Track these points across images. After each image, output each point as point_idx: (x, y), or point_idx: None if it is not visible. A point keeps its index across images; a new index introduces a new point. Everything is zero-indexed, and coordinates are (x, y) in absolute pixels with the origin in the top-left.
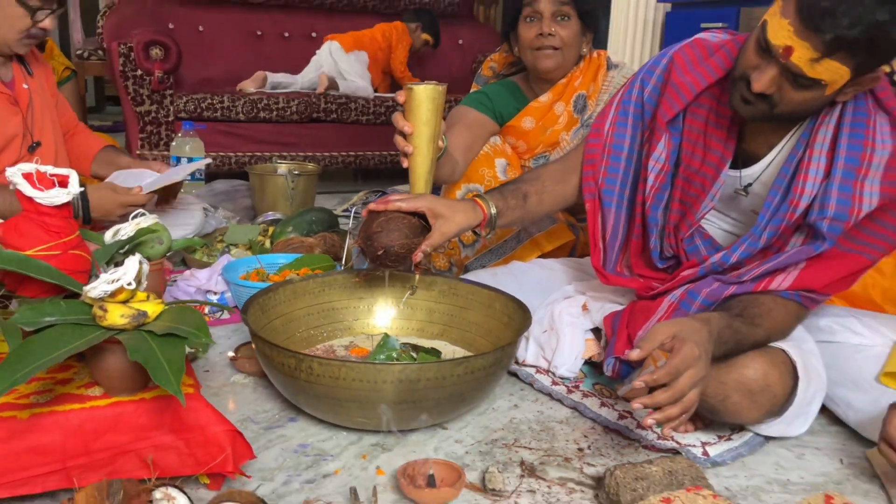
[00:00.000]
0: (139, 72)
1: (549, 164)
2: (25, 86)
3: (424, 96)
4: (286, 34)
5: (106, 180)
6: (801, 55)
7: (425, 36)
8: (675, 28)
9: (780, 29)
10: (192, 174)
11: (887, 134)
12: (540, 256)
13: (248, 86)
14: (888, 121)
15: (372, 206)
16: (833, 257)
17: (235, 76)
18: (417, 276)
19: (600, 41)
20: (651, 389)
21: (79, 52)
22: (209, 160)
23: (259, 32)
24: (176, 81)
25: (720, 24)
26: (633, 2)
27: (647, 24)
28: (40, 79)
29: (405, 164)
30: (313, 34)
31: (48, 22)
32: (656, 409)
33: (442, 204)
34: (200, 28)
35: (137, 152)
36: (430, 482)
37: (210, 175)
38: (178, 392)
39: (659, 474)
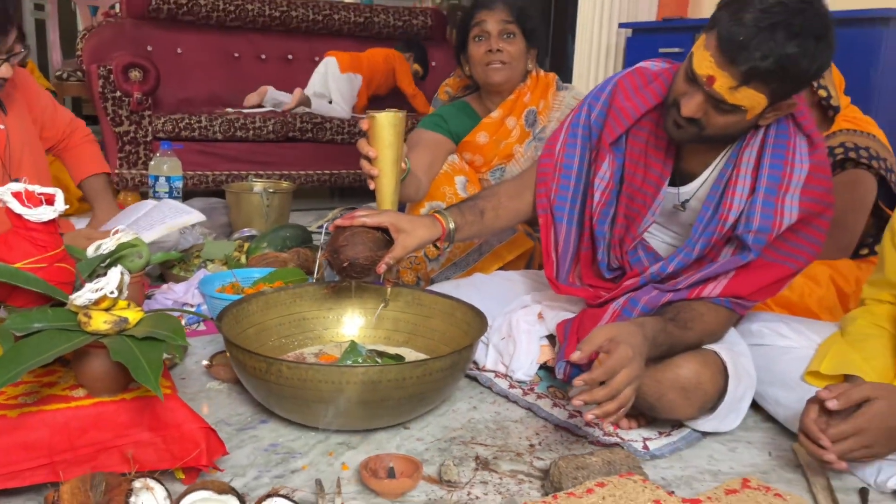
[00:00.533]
0: (118, 93)
1: (504, 181)
2: (2, 126)
3: (386, 123)
4: (263, 56)
5: (107, 225)
6: (722, 84)
7: (416, 66)
8: (635, 52)
9: (703, 60)
10: (169, 192)
11: (806, 155)
12: (501, 266)
13: (253, 99)
14: (807, 142)
15: (338, 221)
16: (759, 267)
17: (213, 97)
18: (389, 290)
19: (567, 64)
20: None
21: (58, 73)
22: (203, 217)
23: (236, 54)
24: (154, 102)
25: (677, 49)
26: (597, 27)
27: (610, 49)
28: (18, 111)
29: (371, 187)
30: (289, 56)
31: (4, 70)
32: (596, 404)
33: (404, 220)
34: (178, 50)
35: (116, 171)
36: (391, 474)
37: (187, 193)
38: (157, 388)
39: (598, 464)
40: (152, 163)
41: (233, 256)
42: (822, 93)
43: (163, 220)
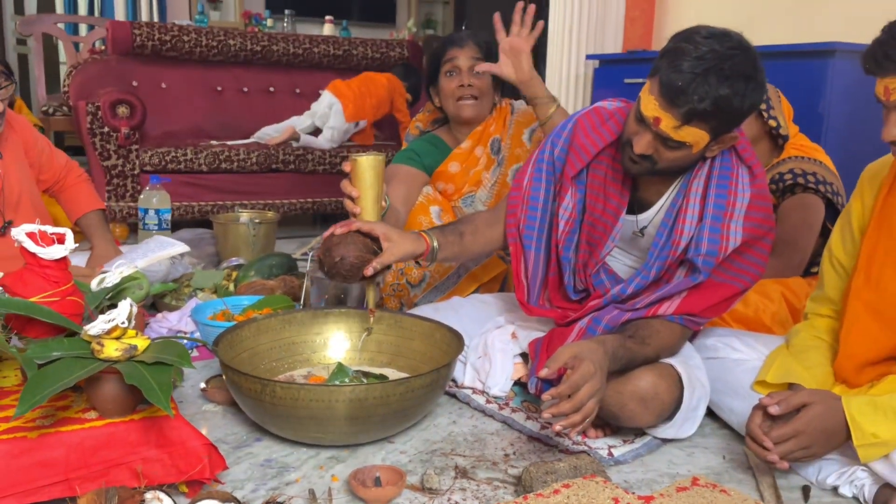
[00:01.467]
0: (106, 129)
1: (481, 212)
2: None
3: (367, 165)
4: (245, 89)
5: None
6: (667, 123)
7: (407, 95)
8: (602, 82)
9: (649, 103)
10: (159, 224)
11: (747, 184)
12: (477, 288)
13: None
14: (748, 173)
15: (334, 227)
16: (709, 286)
17: (197, 129)
18: (372, 319)
19: None
20: None
21: (44, 108)
22: (187, 248)
23: (219, 88)
24: (140, 136)
25: (640, 80)
26: (566, 58)
27: (579, 79)
28: (15, 154)
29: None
30: (271, 88)
31: None
32: (563, 416)
33: (394, 231)
34: (163, 85)
35: (105, 204)
36: (377, 483)
37: (175, 223)
38: (168, 408)
39: (565, 469)
40: (142, 196)
41: (222, 285)
42: (773, 122)
43: (146, 253)
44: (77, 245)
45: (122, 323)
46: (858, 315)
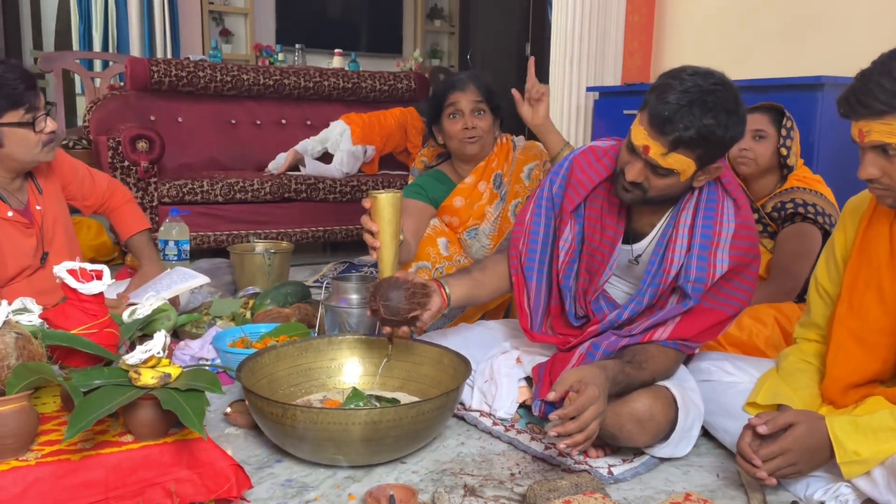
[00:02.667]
0: (126, 163)
1: (491, 256)
2: (38, 206)
3: (386, 202)
4: (258, 122)
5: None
6: (655, 151)
7: (424, 129)
8: (602, 113)
9: (639, 133)
10: (178, 255)
11: (732, 215)
12: (483, 314)
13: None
14: (733, 205)
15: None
16: (700, 312)
17: (212, 161)
18: (391, 347)
19: None
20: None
21: (64, 142)
22: (207, 279)
23: (233, 121)
24: (158, 168)
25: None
26: (567, 90)
27: (580, 110)
28: (53, 190)
29: (374, 257)
30: (283, 121)
31: (50, 124)
32: (568, 436)
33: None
34: (179, 119)
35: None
36: (392, 501)
37: (192, 253)
38: (203, 431)
39: (567, 486)
40: (162, 228)
41: (239, 313)
42: (784, 151)
43: (170, 285)
44: (113, 281)
45: (158, 353)
46: (843, 341)
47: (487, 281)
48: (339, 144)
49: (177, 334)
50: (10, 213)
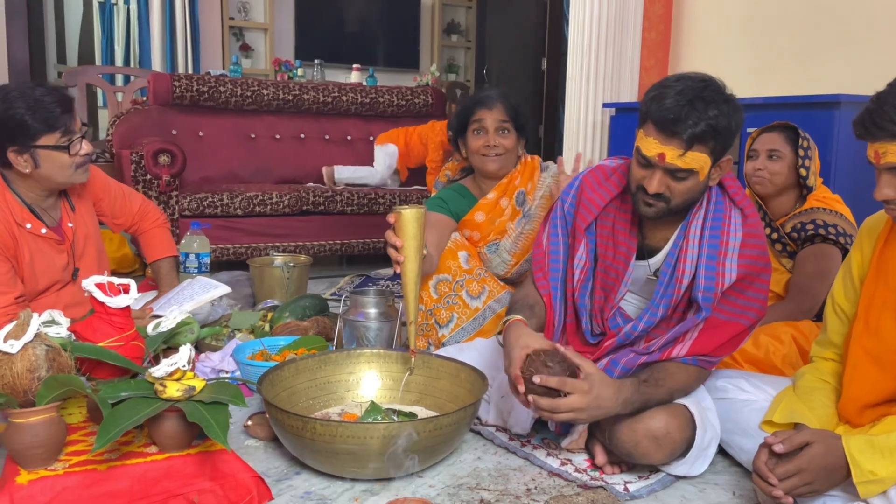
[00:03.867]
0: (148, 176)
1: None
2: (70, 224)
3: (411, 218)
4: (277, 136)
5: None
6: (672, 155)
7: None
8: (618, 128)
9: (650, 145)
10: (199, 267)
11: (739, 224)
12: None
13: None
14: (740, 214)
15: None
16: (716, 326)
17: (232, 175)
18: (413, 359)
19: (558, 134)
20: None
21: None
22: (228, 289)
23: (253, 135)
24: (179, 181)
25: None
26: (583, 106)
27: (596, 126)
28: (86, 207)
29: (398, 271)
30: (301, 135)
31: (85, 146)
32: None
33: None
34: (200, 133)
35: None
36: None
37: (213, 266)
38: (226, 443)
39: (583, 502)
40: (183, 241)
41: (258, 325)
42: (803, 171)
43: (192, 296)
44: (139, 296)
45: (184, 366)
46: (859, 360)
47: (539, 312)
48: (387, 164)
49: (198, 346)
50: (43, 231)
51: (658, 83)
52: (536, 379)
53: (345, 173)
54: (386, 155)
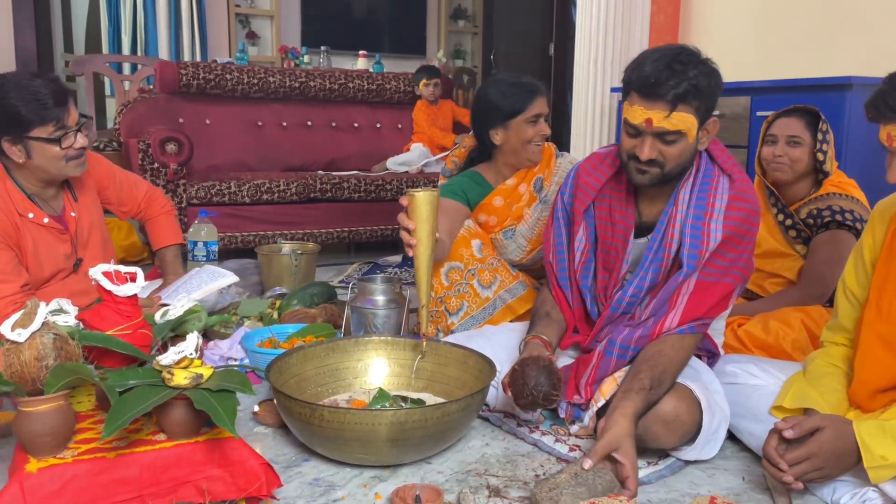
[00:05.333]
0: (156, 165)
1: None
2: (73, 213)
3: (424, 200)
4: (284, 123)
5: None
6: (658, 117)
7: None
8: None
9: (635, 112)
10: (207, 255)
11: (727, 188)
12: (512, 319)
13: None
14: (728, 180)
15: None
16: (704, 288)
17: (240, 163)
18: (425, 343)
19: (566, 120)
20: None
21: (95, 143)
22: (236, 278)
23: (260, 123)
24: (187, 170)
25: None
26: (591, 91)
27: (604, 111)
28: (89, 196)
29: (410, 254)
30: (308, 122)
31: (80, 140)
32: None
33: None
34: (207, 121)
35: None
36: (418, 501)
37: (221, 254)
38: (234, 431)
39: (566, 478)
40: (191, 229)
41: (267, 313)
42: (820, 156)
43: (200, 284)
44: (146, 284)
45: (191, 354)
46: (871, 345)
47: (557, 315)
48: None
49: (206, 334)
50: (45, 220)
51: (637, 57)
52: (586, 464)
53: (394, 163)
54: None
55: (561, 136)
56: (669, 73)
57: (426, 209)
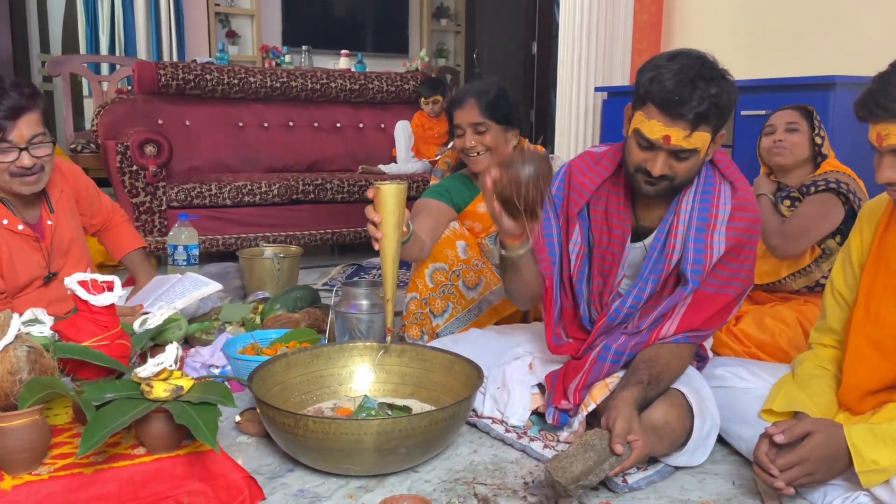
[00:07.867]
0: (135, 167)
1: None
2: (49, 222)
3: (389, 193)
4: (265, 124)
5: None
6: (677, 136)
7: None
8: (610, 112)
9: (653, 127)
10: (187, 259)
11: (729, 197)
12: (498, 321)
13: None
14: (730, 188)
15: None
16: (704, 299)
17: (220, 164)
18: (389, 338)
19: (549, 119)
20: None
21: (72, 146)
22: (220, 287)
23: (241, 124)
24: (167, 172)
25: None
26: (575, 90)
27: (588, 109)
28: (67, 206)
29: (376, 247)
30: (290, 123)
31: (24, 159)
32: None
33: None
34: (187, 122)
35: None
36: None
37: (202, 257)
38: (215, 445)
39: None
40: (171, 233)
41: (249, 318)
42: (818, 139)
43: (183, 293)
44: (123, 293)
45: (171, 366)
46: (860, 347)
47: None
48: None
49: (187, 341)
50: (20, 227)
51: (651, 62)
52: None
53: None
54: (402, 131)
55: (545, 136)
56: (693, 90)
57: (391, 202)
